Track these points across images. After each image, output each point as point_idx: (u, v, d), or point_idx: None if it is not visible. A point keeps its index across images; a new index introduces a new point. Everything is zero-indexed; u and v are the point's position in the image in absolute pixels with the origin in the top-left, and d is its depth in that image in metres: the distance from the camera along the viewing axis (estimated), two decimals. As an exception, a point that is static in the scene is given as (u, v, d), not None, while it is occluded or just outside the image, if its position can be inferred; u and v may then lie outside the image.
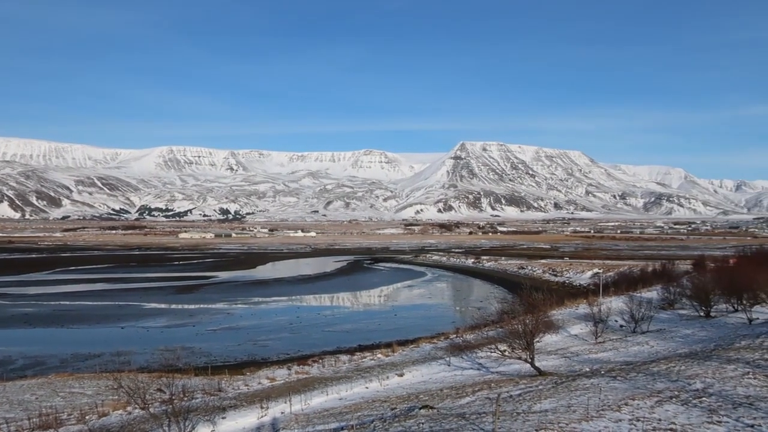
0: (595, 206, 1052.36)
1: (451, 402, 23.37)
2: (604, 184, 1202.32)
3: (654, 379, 21.70)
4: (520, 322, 33.68)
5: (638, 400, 18.01)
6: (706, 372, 21.61)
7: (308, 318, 69.00)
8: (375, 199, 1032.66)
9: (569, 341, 42.52)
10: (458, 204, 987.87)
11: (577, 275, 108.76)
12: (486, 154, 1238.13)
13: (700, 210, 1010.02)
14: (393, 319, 68.49)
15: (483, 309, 66.25)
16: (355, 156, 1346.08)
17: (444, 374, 34.27)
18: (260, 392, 31.86)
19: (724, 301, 48.74)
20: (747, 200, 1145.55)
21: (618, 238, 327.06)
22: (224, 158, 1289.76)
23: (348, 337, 56.54)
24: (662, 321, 47.05)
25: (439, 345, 45.61)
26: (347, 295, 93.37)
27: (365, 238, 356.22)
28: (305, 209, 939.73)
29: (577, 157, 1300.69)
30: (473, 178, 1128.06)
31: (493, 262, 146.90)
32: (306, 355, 46.54)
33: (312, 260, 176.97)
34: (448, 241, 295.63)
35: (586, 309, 49.00)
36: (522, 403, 20.32)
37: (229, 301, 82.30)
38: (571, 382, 23.78)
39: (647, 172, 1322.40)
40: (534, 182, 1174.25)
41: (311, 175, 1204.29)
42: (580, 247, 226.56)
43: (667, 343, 36.51)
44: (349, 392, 30.79)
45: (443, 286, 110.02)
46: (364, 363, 41.27)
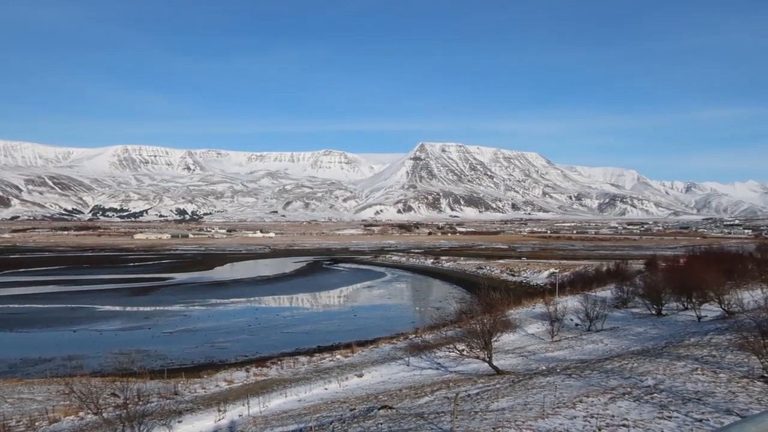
0: (551, 207, 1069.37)
1: (410, 402, 23.46)
2: (561, 185, 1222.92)
3: (608, 376, 22.16)
4: (478, 321, 34.03)
5: (592, 397, 18.37)
6: (657, 369, 22.16)
7: (267, 319, 68.41)
8: (335, 200, 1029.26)
9: (526, 340, 43.13)
10: (418, 204, 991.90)
11: (534, 275, 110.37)
12: (445, 155, 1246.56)
13: (653, 211, 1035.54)
14: (353, 320, 68.41)
15: (442, 309, 66.71)
16: (315, 156, 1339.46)
17: (403, 374, 34.39)
18: (218, 395, 31.48)
19: (674, 300, 50.06)
20: (697, 201, 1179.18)
21: (574, 238, 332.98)
22: (181, 158, 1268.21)
23: (307, 338, 56.27)
24: (616, 319, 48.07)
25: (398, 345, 45.75)
26: (306, 296, 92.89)
27: (325, 238, 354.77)
28: (264, 210, 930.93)
29: (534, 159, 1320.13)
30: (432, 179, 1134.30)
31: (452, 262, 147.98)
32: (265, 357, 46.16)
33: (271, 261, 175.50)
34: (407, 242, 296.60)
35: (543, 308, 49.83)
36: (480, 401, 20.53)
37: (186, 303, 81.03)
38: (528, 380, 24.13)
39: (602, 173, 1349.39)
40: (492, 183, 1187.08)
41: (270, 175, 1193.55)
42: (537, 248, 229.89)
43: (620, 341, 37.32)
44: (308, 393, 30.65)
45: (403, 286, 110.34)
46: (323, 364, 41.14)
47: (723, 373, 20.30)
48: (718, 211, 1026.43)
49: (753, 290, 44.58)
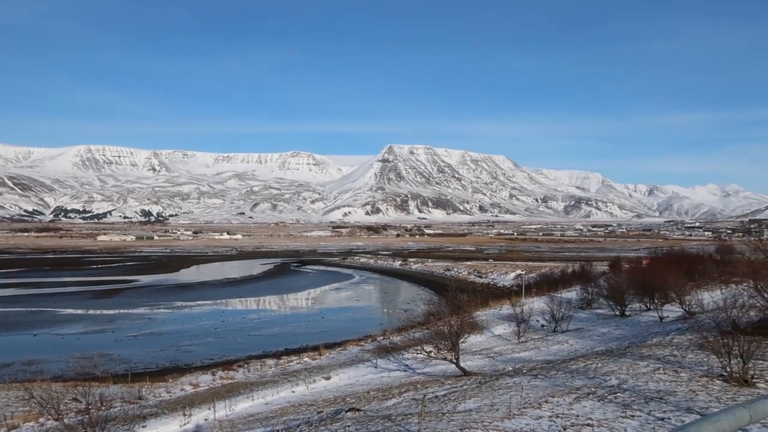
0: (518, 209, 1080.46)
1: (377, 404, 23.45)
2: (527, 187, 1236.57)
3: (573, 376, 22.45)
4: (445, 323, 34.19)
5: (558, 397, 18.58)
6: (620, 368, 22.52)
7: (234, 322, 67.74)
8: (302, 202, 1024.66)
9: (493, 341, 43.47)
10: (386, 207, 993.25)
11: (501, 277, 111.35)
12: (413, 158, 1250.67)
13: (617, 213, 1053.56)
14: (320, 322, 68.14)
15: (410, 311, 66.85)
16: (283, 158, 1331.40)
17: (371, 376, 34.37)
18: (183, 399, 31.05)
19: (637, 301, 50.99)
20: (659, 204, 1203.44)
21: (540, 240, 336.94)
22: (146, 158, 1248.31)
23: (274, 341, 55.87)
24: (581, 320, 48.76)
25: (366, 347, 45.72)
26: (274, 298, 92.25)
27: (292, 240, 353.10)
28: (231, 211, 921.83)
29: (501, 162, 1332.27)
30: (401, 181, 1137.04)
31: (419, 264, 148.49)
32: (231, 360, 45.68)
33: (238, 263, 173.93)
34: (375, 244, 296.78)
35: (510, 309, 50.29)
36: (447, 403, 20.61)
37: (150, 306, 79.77)
38: (495, 381, 24.31)
39: (567, 176, 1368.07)
40: (460, 185, 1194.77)
41: (237, 176, 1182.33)
42: (503, 249, 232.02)
43: (585, 342, 37.87)
44: (275, 396, 30.43)
45: (371, 288, 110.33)
46: (290, 367, 40.89)
47: (684, 372, 20.73)
48: (680, 213, 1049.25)
49: (712, 291, 45.61)
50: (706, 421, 3.40)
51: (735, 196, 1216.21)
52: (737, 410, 3.57)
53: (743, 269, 35.56)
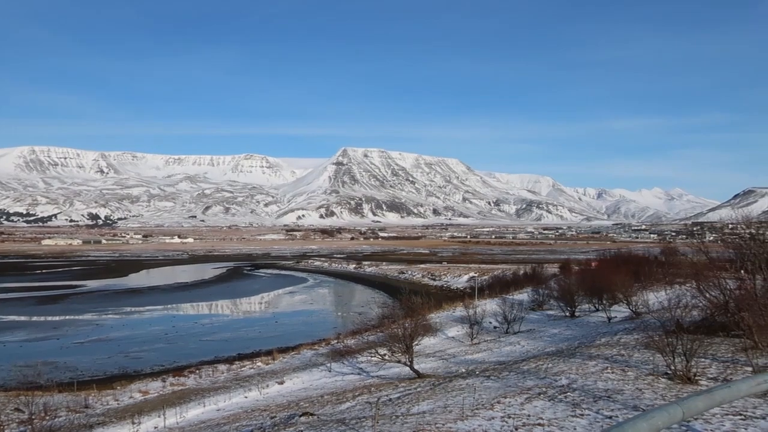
0: (471, 212, 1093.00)
1: (331, 408, 23.35)
2: (480, 191, 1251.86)
3: (524, 377, 22.78)
4: (399, 326, 34.31)
5: (510, 398, 18.83)
6: (570, 368, 22.96)
7: (185, 327, 66.51)
8: (256, 205, 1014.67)
9: (447, 343, 43.78)
10: (340, 210, 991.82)
11: (455, 279, 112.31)
12: (367, 161, 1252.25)
13: (567, 216, 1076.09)
14: (274, 326, 67.51)
15: (364, 314, 66.80)
16: (236, 160, 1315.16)
17: (325, 380, 34.22)
18: (132, 407, 30.35)
19: (587, 302, 52.06)
20: (607, 207, 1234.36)
21: (492, 243, 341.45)
22: (94, 160, 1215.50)
23: (227, 346, 55.06)
24: (532, 321, 49.52)
25: (320, 351, 45.49)
26: (226, 302, 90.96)
27: (246, 244, 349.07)
28: (182, 214, 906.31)
29: (454, 165, 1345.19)
30: (355, 184, 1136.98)
31: (374, 267, 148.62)
32: (182, 366, 44.81)
33: (189, 267, 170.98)
34: (330, 247, 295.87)
35: (463, 312, 50.70)
36: (401, 405, 20.67)
37: (98, 312, 77.64)
38: (448, 383, 24.49)
39: (519, 180, 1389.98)
40: (414, 189, 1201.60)
41: (189, 179, 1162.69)
42: (457, 252, 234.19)
43: (536, 343, 38.47)
44: (227, 402, 30.01)
45: (325, 291, 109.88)
46: (243, 372, 40.39)
47: (631, 371, 21.26)
48: (627, 216, 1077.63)
49: (658, 292, 46.90)
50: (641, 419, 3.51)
51: (679, 199, 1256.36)
52: (671, 407, 3.71)
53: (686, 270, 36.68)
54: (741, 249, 27.72)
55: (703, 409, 4.11)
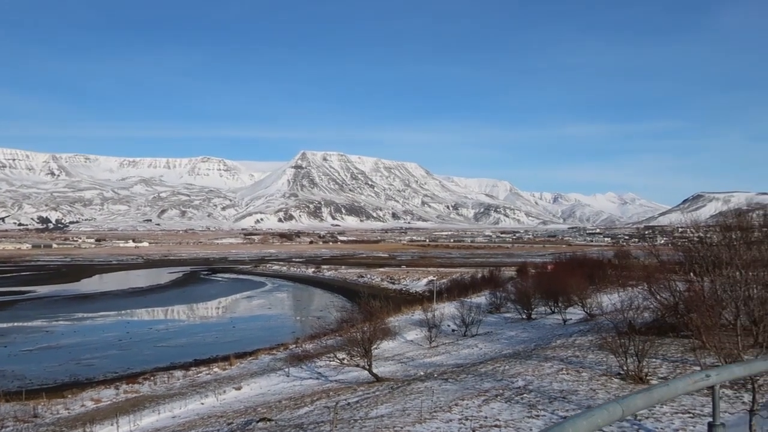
0: (430, 216, 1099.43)
1: (289, 413, 23.20)
2: (439, 195, 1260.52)
3: (482, 379, 23.01)
4: (358, 329, 34.33)
5: (467, 400, 19.00)
6: (527, 370, 23.29)
7: (139, 333, 65.17)
8: (213, 208, 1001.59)
9: (405, 347, 43.92)
10: (299, 213, 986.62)
11: (414, 283, 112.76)
12: (327, 164, 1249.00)
13: (524, 220, 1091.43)
14: (231, 331, 66.71)
15: (323, 318, 66.53)
16: (192, 163, 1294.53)
17: (283, 385, 33.98)
18: (83, 415, 29.61)
19: (543, 304, 52.88)
20: (563, 211, 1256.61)
21: (451, 246, 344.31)
22: (44, 162, 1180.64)
23: (183, 352, 54.16)
24: (490, 324, 50.04)
25: (278, 356, 45.17)
26: (183, 307, 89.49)
27: (202, 248, 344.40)
28: (137, 218, 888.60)
29: (413, 169, 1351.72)
30: (314, 188, 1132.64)
31: (333, 271, 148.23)
32: (136, 373, 43.88)
33: (144, 272, 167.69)
34: (288, 251, 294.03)
35: (422, 315, 50.93)
36: (359, 409, 20.65)
37: (48, 318, 75.45)
38: (407, 386, 24.57)
39: (477, 184, 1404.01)
40: (373, 192, 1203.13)
41: (144, 182, 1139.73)
42: (416, 256, 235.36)
43: (494, 345, 38.89)
44: (183, 409, 29.53)
45: (283, 296, 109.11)
46: (199, 378, 39.81)
47: (585, 372, 21.68)
48: (582, 220, 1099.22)
49: (611, 294, 47.87)
50: (581, 417, 3.58)
51: (632, 204, 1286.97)
52: (611, 406, 3.80)
53: (638, 273, 37.62)
54: (690, 252, 28.55)
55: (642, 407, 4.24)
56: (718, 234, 27.57)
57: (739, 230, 26.31)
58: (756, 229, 27.10)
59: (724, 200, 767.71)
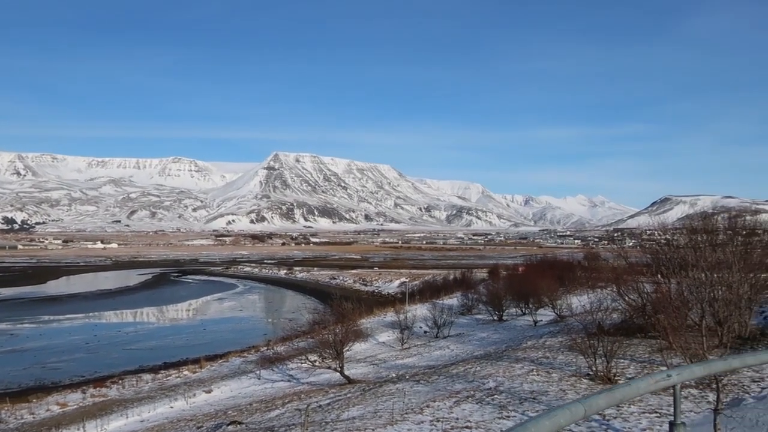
0: (403, 218, 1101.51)
1: (260, 416, 23.04)
2: (411, 197, 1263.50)
3: (453, 380, 23.11)
4: (330, 331, 34.25)
5: (439, 402, 19.06)
6: (498, 371, 23.45)
7: (108, 336, 64.16)
8: (184, 209, 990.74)
9: (377, 348, 43.92)
10: (271, 215, 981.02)
11: (386, 284, 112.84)
12: (299, 166, 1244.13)
13: (495, 222, 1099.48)
14: (202, 334, 66.06)
15: (295, 320, 66.23)
16: (163, 163, 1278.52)
17: (254, 388, 33.74)
18: (49, 420, 29.08)
19: (514, 306, 53.28)
20: (534, 214, 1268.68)
21: (423, 248, 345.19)
22: (9, 161, 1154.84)
23: (152, 355, 53.46)
24: (462, 326, 50.27)
25: (249, 358, 44.86)
26: (152, 310, 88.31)
27: (173, 249, 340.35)
28: (106, 219, 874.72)
29: (386, 171, 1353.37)
30: (286, 189, 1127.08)
31: (305, 272, 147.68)
32: (104, 377, 43.17)
33: (113, 273, 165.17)
34: (260, 253, 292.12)
35: (394, 317, 50.99)
36: (331, 412, 20.59)
37: (12, 321, 73.85)
38: (378, 388, 24.56)
39: (450, 186, 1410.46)
40: (346, 194, 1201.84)
41: (113, 182, 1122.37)
42: (388, 258, 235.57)
43: (465, 346, 39.07)
44: (152, 413, 29.15)
45: (255, 298, 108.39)
46: (169, 381, 39.35)
47: (555, 372, 21.91)
48: (552, 222, 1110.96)
49: (581, 295, 48.45)
50: (544, 417, 3.61)
51: (601, 206, 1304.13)
52: (573, 406, 3.84)
53: (607, 275, 38.12)
54: (657, 254, 29.04)
55: (605, 407, 4.29)
56: (685, 236, 28.08)
57: (705, 233, 26.81)
58: (721, 232, 27.64)
59: (690, 203, 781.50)
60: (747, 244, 25.38)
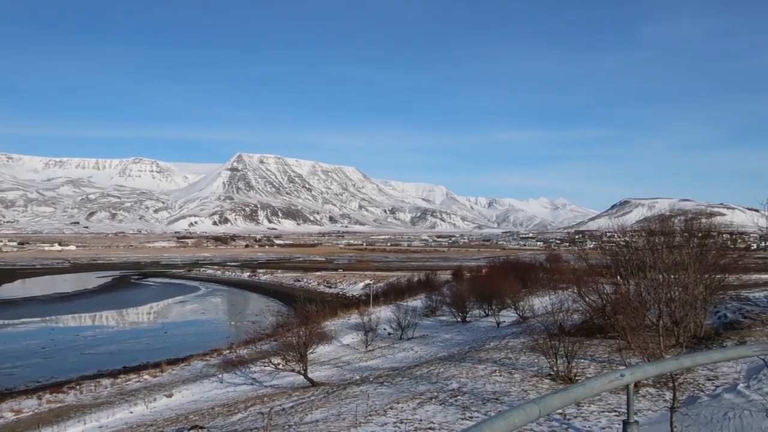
0: (367, 220, 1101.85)
1: (222, 420, 22.78)
2: (376, 199, 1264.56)
3: (417, 382, 23.20)
4: (294, 334, 34.06)
5: (402, 403, 19.11)
6: (461, 372, 23.62)
7: (65, 340, 62.64)
8: (145, 211, 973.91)
9: (342, 351, 43.84)
10: (234, 216, 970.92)
11: (350, 286, 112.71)
12: (263, 167, 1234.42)
13: (459, 224, 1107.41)
14: (163, 337, 65.00)
15: (258, 323, 65.55)
16: (124, 164, 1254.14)
17: (216, 391, 33.36)
18: (2, 428, 28.32)
19: (477, 307, 53.77)
20: (497, 216, 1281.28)
21: (388, 250, 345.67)
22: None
23: (112, 359, 52.39)
24: (426, 327, 50.52)
25: (211, 362, 44.34)
26: (112, 313, 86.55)
27: (134, 251, 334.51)
28: (64, 220, 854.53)
29: (351, 173, 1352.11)
30: (250, 191, 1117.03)
31: (269, 275, 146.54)
32: (61, 382, 42.14)
33: (71, 276, 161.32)
34: (223, 255, 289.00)
35: (358, 319, 50.94)
36: (294, 415, 20.48)
37: (-36, 326, 71.67)
38: (342, 390, 24.52)
39: (414, 188, 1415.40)
40: (310, 196, 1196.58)
41: (72, 183, 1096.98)
42: (353, 259, 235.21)
43: (429, 348, 39.27)
44: (110, 419, 28.58)
45: (218, 300, 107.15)
46: (129, 386, 38.62)
47: (517, 373, 22.17)
48: (515, 225, 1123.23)
49: (542, 297, 49.12)
50: (499, 418, 3.65)
51: (563, 209, 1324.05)
52: (528, 406, 3.88)
53: (569, 276, 38.73)
54: (617, 256, 29.62)
55: (559, 407, 4.35)
56: (643, 238, 28.72)
57: (662, 235, 27.46)
58: (677, 234, 28.32)
59: (649, 206, 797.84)
60: (702, 246, 26.05)
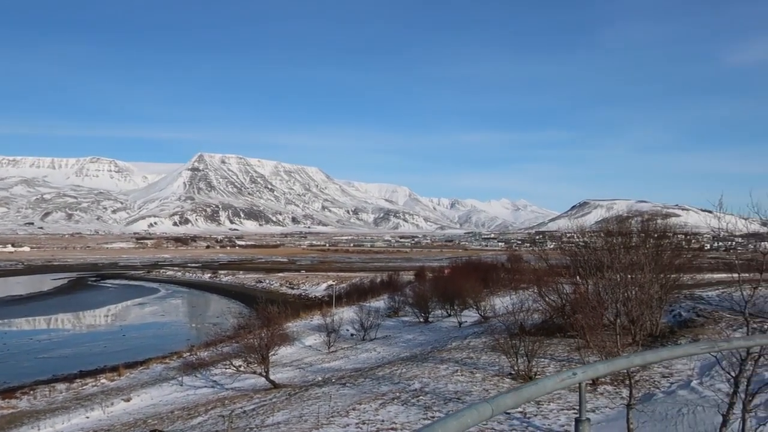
0: (330, 221, 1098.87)
1: (182, 423, 22.45)
2: (339, 199, 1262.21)
3: (379, 383, 23.22)
4: (255, 336, 33.76)
5: (365, 404, 19.11)
6: (423, 372, 23.72)
7: (18, 345, 60.89)
8: (103, 211, 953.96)
9: (304, 352, 43.62)
10: (195, 217, 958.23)
11: (313, 287, 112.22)
12: (225, 167, 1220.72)
13: (422, 225, 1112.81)
14: (121, 340, 63.71)
15: (219, 324, 64.72)
16: (80, 163, 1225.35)
17: (176, 395, 32.86)
18: (-49, 435, 27.34)
19: (440, 307, 54.08)
20: (460, 217, 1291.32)
21: (351, 251, 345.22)
22: None
23: (67, 363, 51.09)
24: (389, 328, 50.62)
25: (171, 365, 43.65)
26: (68, 316, 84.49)
27: (91, 252, 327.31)
28: (17, 221, 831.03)
29: (314, 173, 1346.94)
30: (212, 191, 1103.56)
31: (231, 276, 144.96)
32: (13, 387, 40.91)
33: (25, 278, 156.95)
34: (184, 256, 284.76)
35: (321, 320, 50.76)
36: (255, 417, 20.29)
37: None
38: (304, 392, 24.40)
39: (377, 189, 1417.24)
40: (273, 196, 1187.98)
41: (26, 182, 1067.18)
42: (316, 260, 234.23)
43: (392, 349, 39.34)
44: (66, 424, 27.91)
45: (178, 302, 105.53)
46: (85, 390, 37.74)
47: (479, 373, 22.36)
48: (477, 225, 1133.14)
49: (503, 297, 49.65)
50: (452, 418, 3.65)
51: (524, 210, 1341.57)
52: (481, 405, 3.87)
53: (529, 276, 39.26)
54: (576, 256, 30.14)
55: (513, 406, 4.37)
56: (601, 239, 29.26)
57: (620, 236, 28.04)
58: (634, 235, 28.95)
59: (607, 207, 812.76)
60: (658, 247, 26.68)
